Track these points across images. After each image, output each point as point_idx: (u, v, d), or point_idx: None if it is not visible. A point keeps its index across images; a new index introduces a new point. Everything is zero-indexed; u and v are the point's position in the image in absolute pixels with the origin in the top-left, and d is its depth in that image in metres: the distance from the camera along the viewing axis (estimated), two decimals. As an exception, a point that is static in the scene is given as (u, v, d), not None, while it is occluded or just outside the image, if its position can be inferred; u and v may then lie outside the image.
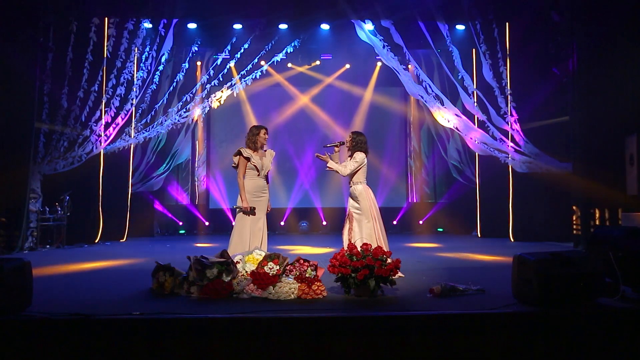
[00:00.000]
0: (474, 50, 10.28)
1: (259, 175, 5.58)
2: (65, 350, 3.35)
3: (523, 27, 9.75)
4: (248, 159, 5.52)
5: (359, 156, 5.60)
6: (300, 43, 10.31)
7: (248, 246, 5.33)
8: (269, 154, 5.74)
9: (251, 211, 5.46)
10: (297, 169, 12.88)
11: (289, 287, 4.27)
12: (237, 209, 5.54)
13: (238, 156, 5.59)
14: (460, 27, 10.17)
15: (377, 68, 12.56)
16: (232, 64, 10.57)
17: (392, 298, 4.27)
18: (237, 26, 10.18)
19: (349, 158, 5.70)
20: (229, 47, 10.26)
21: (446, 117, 9.93)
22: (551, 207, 9.60)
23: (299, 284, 4.31)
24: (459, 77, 10.02)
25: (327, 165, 5.64)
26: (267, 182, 5.75)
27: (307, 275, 4.40)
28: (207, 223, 12.60)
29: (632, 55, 7.43)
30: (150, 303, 4.17)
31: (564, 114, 9.31)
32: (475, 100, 9.99)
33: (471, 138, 9.98)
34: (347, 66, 12.58)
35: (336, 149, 5.77)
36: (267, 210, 5.69)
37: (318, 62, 12.35)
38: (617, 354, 3.50)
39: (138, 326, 3.43)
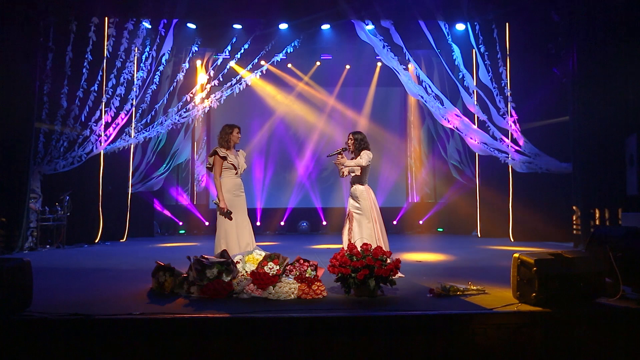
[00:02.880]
0: (473, 50, 10.27)
1: (236, 173, 5.58)
2: (65, 350, 3.35)
3: (523, 27, 9.76)
4: (224, 158, 5.52)
5: (367, 152, 5.54)
6: (300, 43, 10.32)
7: (238, 248, 5.32)
8: (241, 154, 5.74)
9: (227, 214, 5.45)
10: (297, 169, 12.89)
11: (289, 287, 4.27)
12: (216, 203, 5.51)
13: (213, 156, 5.56)
14: (460, 27, 10.17)
15: (378, 68, 12.57)
16: (232, 63, 10.58)
17: (392, 298, 4.27)
18: (237, 26, 10.19)
19: (353, 159, 5.63)
20: (229, 47, 10.27)
21: (446, 117, 9.93)
22: (551, 207, 9.59)
23: (299, 284, 4.31)
24: (460, 76, 10.02)
25: (344, 166, 5.53)
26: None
27: (307, 275, 4.40)
28: (207, 223, 12.59)
29: (631, 55, 7.42)
30: (150, 303, 4.17)
31: (564, 114, 9.30)
32: (476, 100, 9.99)
33: (471, 138, 9.98)
34: (348, 67, 12.60)
35: (339, 156, 5.59)
36: None
37: (318, 63, 12.36)
38: (617, 354, 3.49)
39: (138, 326, 3.43)
